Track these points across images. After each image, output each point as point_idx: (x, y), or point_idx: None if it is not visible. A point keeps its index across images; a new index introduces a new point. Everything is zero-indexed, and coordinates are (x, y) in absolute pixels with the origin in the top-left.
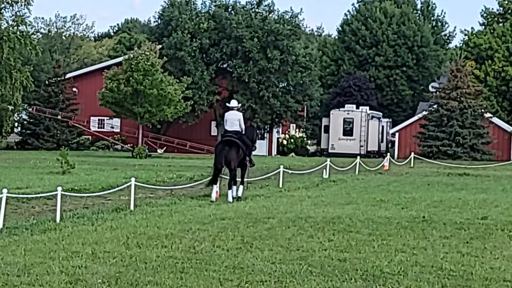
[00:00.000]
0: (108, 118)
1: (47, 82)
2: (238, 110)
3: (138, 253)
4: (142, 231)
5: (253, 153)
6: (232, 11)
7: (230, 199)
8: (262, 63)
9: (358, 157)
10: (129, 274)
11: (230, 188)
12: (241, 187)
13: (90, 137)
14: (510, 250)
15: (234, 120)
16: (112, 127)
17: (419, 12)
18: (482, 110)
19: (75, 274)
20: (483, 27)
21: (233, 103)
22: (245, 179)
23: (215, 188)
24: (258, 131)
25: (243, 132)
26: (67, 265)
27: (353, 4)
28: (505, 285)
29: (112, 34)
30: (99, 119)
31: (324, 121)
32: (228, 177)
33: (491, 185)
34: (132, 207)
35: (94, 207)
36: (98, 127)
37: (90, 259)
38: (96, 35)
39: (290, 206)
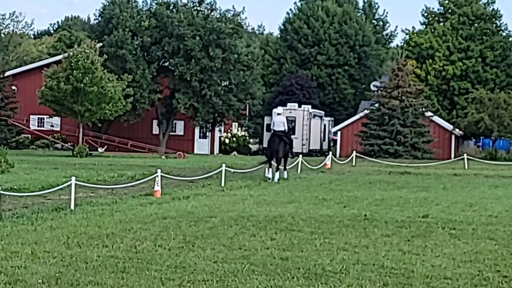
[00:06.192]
0: (48, 116)
1: None
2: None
3: (79, 252)
4: (83, 230)
5: (196, 151)
6: (174, 9)
7: (275, 179)
8: (204, 61)
9: (300, 155)
10: (69, 274)
11: (277, 170)
12: (285, 172)
13: (29, 135)
14: (450, 248)
15: (279, 123)
16: (52, 126)
17: (361, 11)
18: (423, 109)
19: (14, 275)
20: (424, 26)
21: (279, 109)
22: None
23: (269, 170)
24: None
25: (287, 132)
26: (6, 265)
27: (295, 3)
28: (445, 282)
29: (52, 31)
30: (38, 118)
31: (266, 119)
32: (276, 164)
33: (432, 184)
34: (72, 207)
35: (34, 206)
36: (38, 126)
37: (29, 259)
38: (36, 33)
39: (232, 205)
